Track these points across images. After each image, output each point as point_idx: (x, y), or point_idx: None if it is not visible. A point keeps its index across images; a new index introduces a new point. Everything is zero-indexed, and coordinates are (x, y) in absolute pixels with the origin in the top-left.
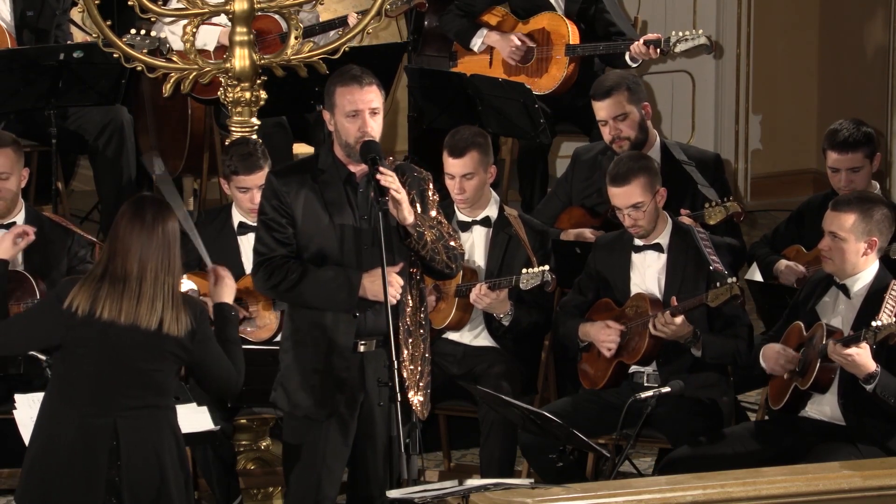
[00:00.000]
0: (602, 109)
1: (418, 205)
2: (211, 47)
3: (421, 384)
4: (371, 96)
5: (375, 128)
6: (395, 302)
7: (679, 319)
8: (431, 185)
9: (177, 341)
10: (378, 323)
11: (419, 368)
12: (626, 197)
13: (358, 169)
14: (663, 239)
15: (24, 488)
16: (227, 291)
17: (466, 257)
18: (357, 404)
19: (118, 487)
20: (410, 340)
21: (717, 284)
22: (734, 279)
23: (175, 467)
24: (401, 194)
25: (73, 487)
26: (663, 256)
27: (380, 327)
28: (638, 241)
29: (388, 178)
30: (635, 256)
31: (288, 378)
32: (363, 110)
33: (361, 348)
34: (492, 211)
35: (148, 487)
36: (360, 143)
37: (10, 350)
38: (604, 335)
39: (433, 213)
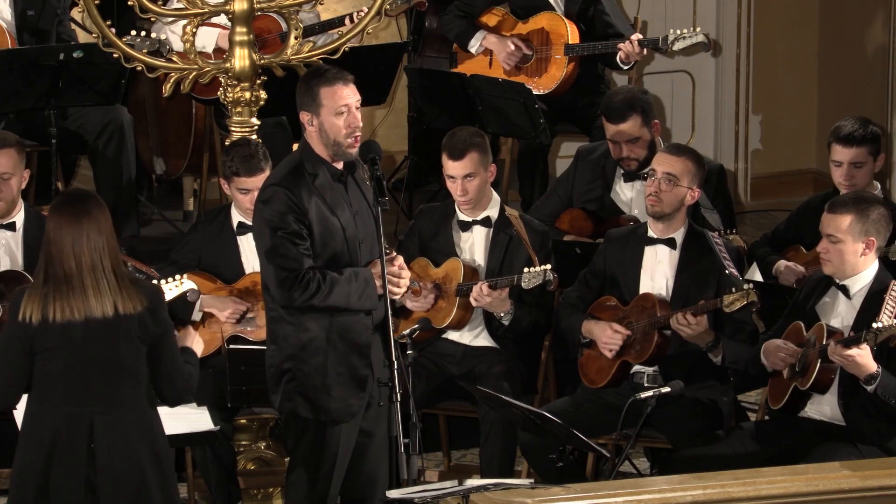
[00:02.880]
0: (615, 132)
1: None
2: (209, 49)
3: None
4: (353, 91)
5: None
6: (403, 292)
7: (702, 319)
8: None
9: (136, 319)
10: (377, 315)
11: None
12: (668, 164)
13: (342, 165)
14: (678, 235)
15: (14, 494)
16: (196, 344)
17: (468, 256)
18: (366, 401)
19: (94, 486)
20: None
21: (733, 290)
22: (750, 285)
23: (154, 464)
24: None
25: (56, 487)
26: (675, 253)
27: (377, 318)
28: (652, 234)
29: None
30: (647, 250)
31: (308, 385)
32: (351, 105)
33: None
34: (492, 211)
35: (126, 486)
36: (350, 138)
37: (8, 399)
38: (607, 336)
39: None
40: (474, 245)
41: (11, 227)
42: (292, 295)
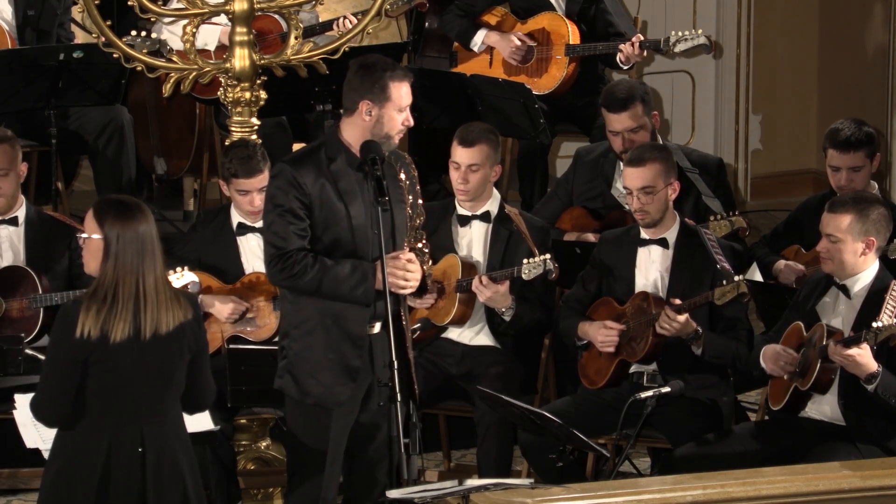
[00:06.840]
0: (617, 122)
1: (410, 196)
2: (212, 47)
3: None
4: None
5: None
6: (413, 290)
7: (682, 317)
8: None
9: (188, 328)
10: (381, 310)
11: None
12: (640, 178)
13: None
14: (670, 235)
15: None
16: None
17: (466, 251)
18: (363, 392)
19: (144, 493)
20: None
21: (724, 282)
22: (741, 277)
23: (191, 469)
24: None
25: (115, 497)
26: (668, 253)
27: (381, 312)
28: (644, 235)
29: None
30: (641, 251)
31: (297, 365)
32: (408, 105)
33: (373, 330)
34: (492, 206)
35: (171, 492)
36: (399, 134)
37: (57, 412)
38: (601, 335)
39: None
40: (473, 240)
41: (14, 221)
42: (274, 272)
